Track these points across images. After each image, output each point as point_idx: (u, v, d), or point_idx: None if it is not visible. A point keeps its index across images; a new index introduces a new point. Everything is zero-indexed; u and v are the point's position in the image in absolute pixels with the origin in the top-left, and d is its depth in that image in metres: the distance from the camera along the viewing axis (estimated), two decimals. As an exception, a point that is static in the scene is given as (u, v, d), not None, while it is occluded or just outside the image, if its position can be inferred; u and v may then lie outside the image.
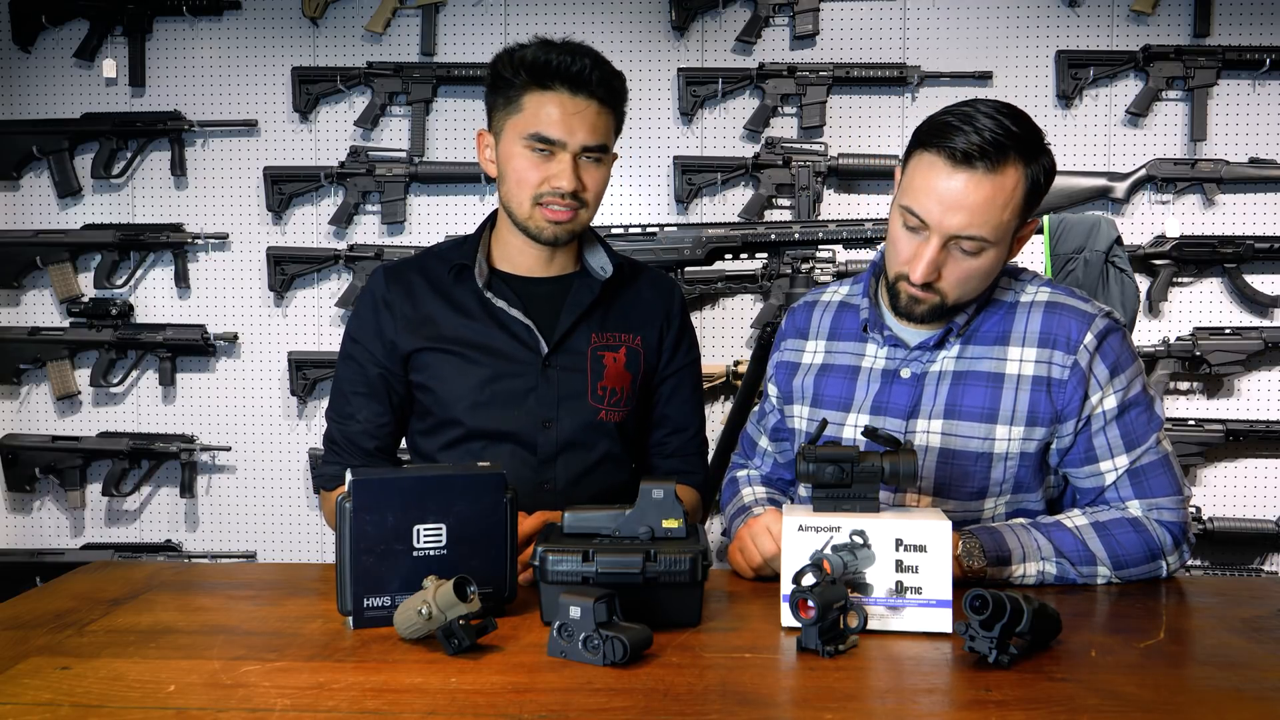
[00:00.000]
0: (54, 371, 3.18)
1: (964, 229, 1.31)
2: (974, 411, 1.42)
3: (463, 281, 1.60)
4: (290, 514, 3.25)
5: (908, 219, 1.35)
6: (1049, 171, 1.36)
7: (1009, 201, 1.32)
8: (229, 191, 3.20)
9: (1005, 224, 1.33)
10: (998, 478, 1.42)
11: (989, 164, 1.29)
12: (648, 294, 1.68)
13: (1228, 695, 0.99)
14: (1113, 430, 1.41)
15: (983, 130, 1.29)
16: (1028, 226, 1.40)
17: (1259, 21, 2.99)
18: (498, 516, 1.22)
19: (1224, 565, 3.02)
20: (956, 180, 1.30)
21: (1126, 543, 1.37)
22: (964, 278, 1.36)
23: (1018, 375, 1.41)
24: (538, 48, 1.50)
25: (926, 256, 1.33)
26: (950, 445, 1.42)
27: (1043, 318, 1.42)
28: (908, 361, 1.46)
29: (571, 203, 1.51)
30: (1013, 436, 1.41)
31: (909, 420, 1.44)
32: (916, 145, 1.36)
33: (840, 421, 1.49)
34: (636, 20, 3.11)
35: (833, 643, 1.09)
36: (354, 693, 1.00)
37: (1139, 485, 1.41)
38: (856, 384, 1.50)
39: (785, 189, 3.04)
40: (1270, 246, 2.93)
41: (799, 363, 1.58)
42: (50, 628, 1.20)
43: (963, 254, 1.34)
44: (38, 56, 3.19)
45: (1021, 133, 1.32)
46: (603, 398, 1.60)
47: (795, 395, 1.57)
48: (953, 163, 1.30)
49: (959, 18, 3.05)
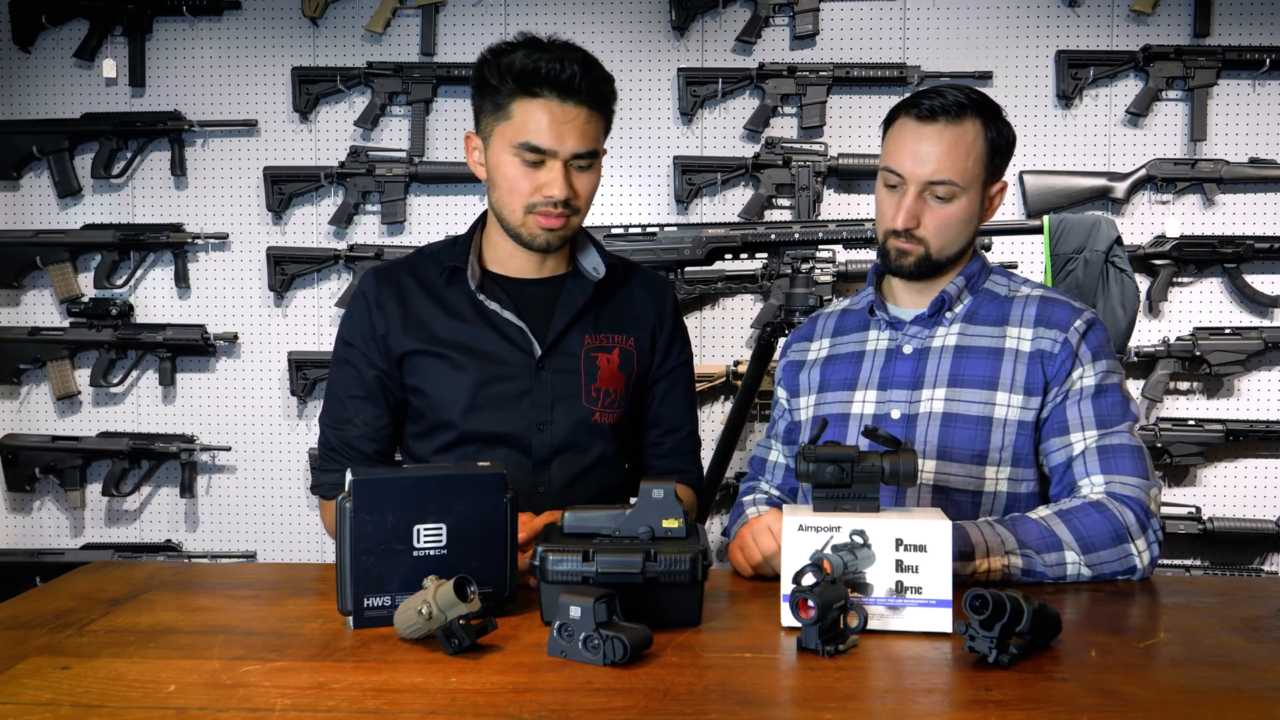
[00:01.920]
0: (54, 371, 3.18)
1: (934, 174, 1.49)
2: (976, 379, 1.53)
3: (455, 283, 1.59)
4: (290, 514, 3.25)
5: (888, 179, 1.53)
6: (1009, 139, 1.55)
7: (970, 149, 1.50)
8: (229, 191, 3.20)
9: (970, 170, 1.50)
10: (997, 443, 1.51)
11: (949, 116, 1.49)
12: (640, 294, 1.67)
13: (1228, 695, 0.99)
14: (1086, 406, 1.50)
15: (945, 93, 1.51)
16: (996, 185, 1.56)
17: (1259, 21, 2.99)
18: (498, 516, 1.22)
19: (1224, 565, 3.02)
20: (924, 133, 1.50)
21: (1090, 524, 1.38)
22: (941, 225, 1.52)
23: (1016, 350, 1.53)
24: (525, 53, 1.46)
25: (905, 205, 1.51)
26: (953, 410, 1.52)
27: (1038, 307, 1.56)
28: (909, 338, 1.58)
29: (564, 210, 1.50)
30: (1011, 404, 1.51)
31: (914, 391, 1.55)
32: (892, 117, 1.56)
33: (848, 399, 1.59)
34: (636, 20, 3.11)
35: (833, 642, 1.09)
36: (354, 693, 1.00)
37: (1105, 461, 1.46)
38: (861, 365, 1.61)
39: (785, 189, 3.04)
40: (1270, 246, 2.93)
41: (804, 360, 1.68)
42: (50, 628, 1.20)
43: (937, 201, 1.51)
44: (38, 56, 3.19)
45: (980, 100, 1.53)
46: (597, 399, 1.59)
47: (802, 388, 1.66)
48: (919, 119, 1.50)
49: (959, 18, 3.05)
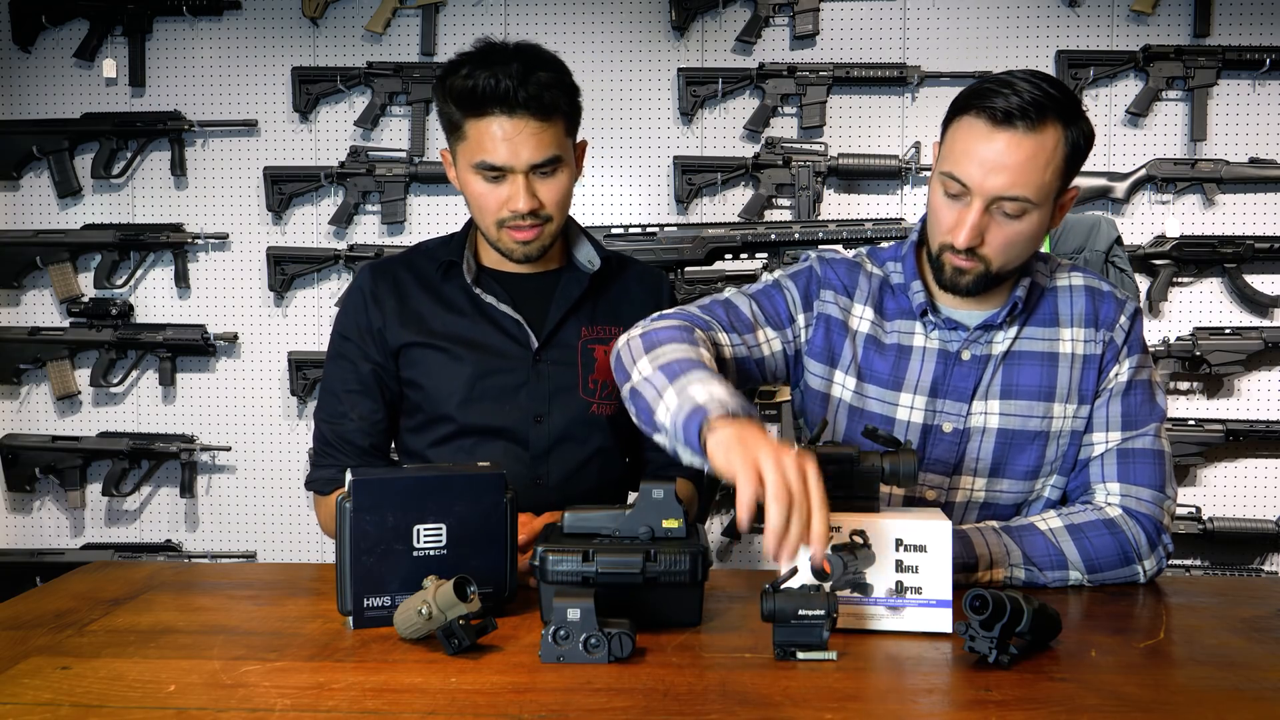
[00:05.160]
0: (54, 371, 3.17)
1: (1006, 189, 1.30)
2: (1031, 390, 1.43)
3: (451, 278, 1.60)
4: (290, 514, 3.25)
5: (949, 186, 1.34)
6: (1088, 137, 1.35)
7: (1050, 161, 1.30)
8: (229, 191, 3.19)
9: (1047, 184, 1.31)
10: (1051, 456, 1.44)
11: (1029, 123, 1.28)
12: (636, 287, 1.69)
13: (1228, 695, 0.99)
14: (1115, 405, 1.43)
15: (1022, 92, 1.29)
16: (1069, 193, 1.39)
17: (1259, 21, 2.99)
18: (498, 516, 1.22)
19: (1224, 565, 3.02)
20: (997, 141, 1.29)
21: (1100, 545, 1.35)
22: (1007, 243, 1.34)
23: (1070, 354, 1.44)
24: (465, 74, 1.46)
25: (970, 221, 1.32)
26: (1008, 425, 1.43)
27: (1085, 299, 1.45)
28: (968, 343, 1.44)
29: (533, 220, 1.50)
30: (1067, 414, 1.43)
31: (969, 402, 1.44)
32: (956, 112, 1.35)
33: (893, 400, 1.45)
34: (636, 20, 3.11)
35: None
36: (354, 693, 1.00)
37: (1124, 468, 1.40)
38: (909, 364, 1.45)
39: (785, 189, 3.03)
40: (1270, 246, 2.93)
41: (845, 322, 1.49)
42: (50, 628, 1.20)
43: (1005, 218, 1.32)
44: (38, 56, 3.19)
45: (1060, 95, 1.31)
46: (594, 391, 1.59)
47: (840, 359, 1.48)
48: (993, 123, 1.29)
49: (959, 18, 3.05)
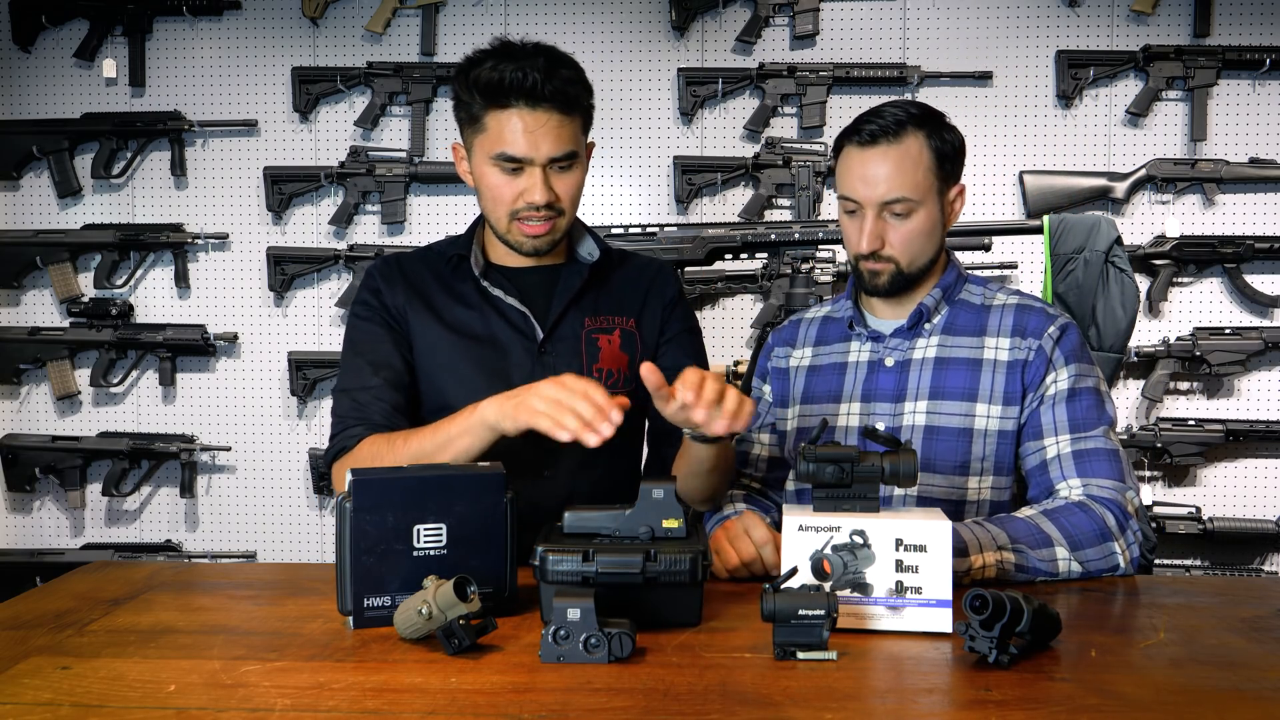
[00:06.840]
0: (54, 371, 3.18)
1: (887, 194, 1.51)
2: (956, 391, 1.55)
3: (460, 273, 1.63)
4: (290, 514, 3.25)
5: (846, 206, 1.56)
6: (955, 144, 1.55)
7: (918, 163, 1.51)
8: (229, 191, 3.20)
9: (922, 183, 1.51)
10: (979, 453, 1.54)
11: (890, 137, 1.51)
12: (638, 277, 1.71)
13: (1228, 695, 0.99)
14: (1060, 410, 1.52)
15: (885, 115, 1.52)
16: (954, 189, 1.57)
17: (1259, 21, 2.99)
18: (498, 516, 1.22)
19: (1224, 565, 3.02)
20: (870, 157, 1.51)
21: (1077, 522, 1.40)
22: (906, 240, 1.53)
23: (994, 360, 1.56)
24: (491, 65, 1.49)
25: (867, 228, 1.53)
26: (935, 423, 1.55)
27: (1014, 315, 1.58)
28: (889, 351, 1.60)
29: (548, 213, 1.53)
30: (991, 414, 1.54)
31: (896, 404, 1.57)
32: (838, 148, 1.58)
33: (833, 412, 1.62)
34: (636, 20, 3.11)
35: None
36: (354, 693, 1.00)
37: (1081, 464, 1.48)
38: (845, 378, 1.63)
39: (785, 189, 3.04)
40: (1270, 246, 2.93)
41: (788, 368, 1.71)
42: (50, 628, 1.20)
43: (897, 219, 1.52)
44: (38, 56, 3.19)
45: (919, 112, 1.54)
46: (599, 380, 1.59)
47: (790, 398, 1.69)
48: (862, 145, 1.52)
49: (959, 18, 3.05)
